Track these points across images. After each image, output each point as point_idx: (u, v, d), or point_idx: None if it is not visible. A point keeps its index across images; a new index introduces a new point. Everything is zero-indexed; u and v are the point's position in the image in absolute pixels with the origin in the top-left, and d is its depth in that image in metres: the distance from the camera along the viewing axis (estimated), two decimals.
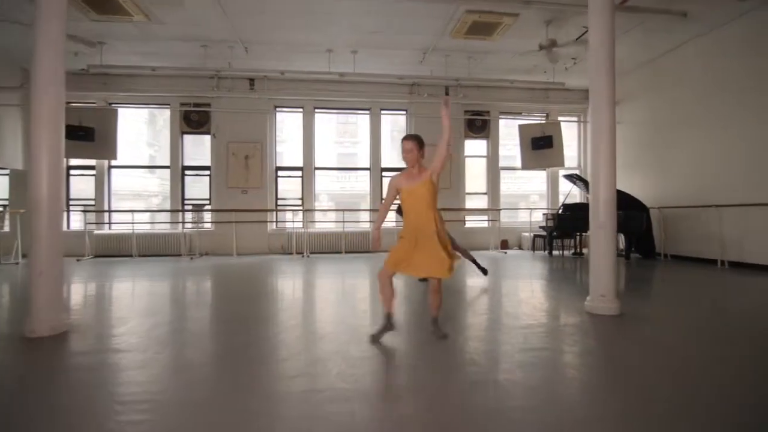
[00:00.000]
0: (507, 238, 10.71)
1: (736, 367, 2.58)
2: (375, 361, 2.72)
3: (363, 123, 13.75)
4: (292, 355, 2.84)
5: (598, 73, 4.14)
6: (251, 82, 9.77)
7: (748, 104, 6.74)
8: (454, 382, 2.37)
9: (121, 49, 8.00)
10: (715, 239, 7.14)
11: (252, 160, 9.86)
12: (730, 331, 3.38)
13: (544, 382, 2.37)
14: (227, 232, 9.42)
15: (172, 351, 2.93)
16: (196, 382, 2.40)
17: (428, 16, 6.86)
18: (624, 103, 9.74)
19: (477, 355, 2.82)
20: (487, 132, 10.80)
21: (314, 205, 10.36)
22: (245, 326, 3.60)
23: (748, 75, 6.70)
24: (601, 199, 4.02)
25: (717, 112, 7.28)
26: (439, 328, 3.15)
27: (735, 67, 6.92)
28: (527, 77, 9.47)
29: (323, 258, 8.95)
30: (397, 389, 2.34)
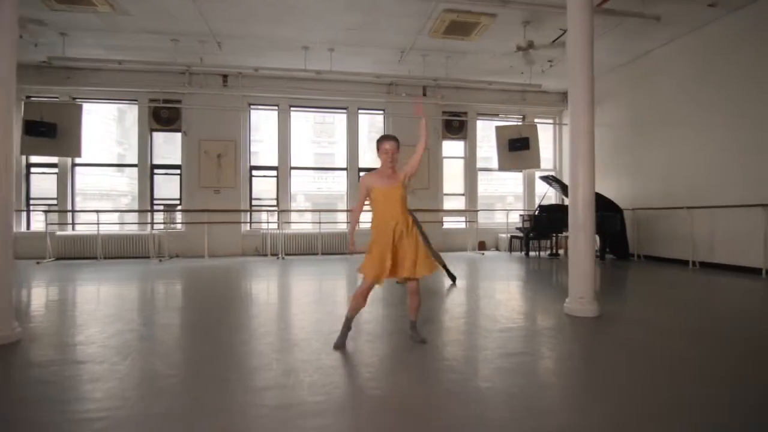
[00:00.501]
0: (484, 239, 10.75)
1: (713, 366, 2.57)
2: (349, 370, 2.59)
3: (340, 122, 13.59)
4: (262, 365, 2.67)
5: (576, 74, 4.14)
6: (224, 78, 9.47)
7: (719, 108, 6.93)
8: (433, 391, 2.26)
9: (85, 42, 7.59)
10: (686, 240, 7.32)
11: (225, 159, 9.55)
12: (705, 331, 3.41)
13: (524, 388, 2.29)
14: (199, 233, 9.08)
15: (133, 361, 2.72)
16: (158, 395, 2.22)
17: (406, 15, 6.78)
18: (600, 105, 9.89)
19: (455, 361, 2.72)
20: (464, 133, 10.82)
21: (290, 205, 10.13)
22: (213, 334, 3.40)
23: (720, 80, 6.89)
24: (579, 200, 4.01)
25: (690, 116, 7.47)
26: (417, 332, 3.05)
27: (708, 72, 7.11)
28: (504, 78, 9.53)
29: (299, 260, 8.74)
30: (372, 401, 2.22)
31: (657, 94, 8.18)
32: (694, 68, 7.37)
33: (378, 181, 2.87)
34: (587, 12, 4.08)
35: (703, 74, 7.18)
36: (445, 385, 2.34)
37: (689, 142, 7.47)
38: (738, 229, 6.54)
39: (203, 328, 3.60)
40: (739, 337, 3.26)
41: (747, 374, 2.48)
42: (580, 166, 4.04)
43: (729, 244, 6.73)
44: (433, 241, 7.19)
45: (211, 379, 2.41)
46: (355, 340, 3.11)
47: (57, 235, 8.72)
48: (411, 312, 3.02)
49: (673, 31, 7.30)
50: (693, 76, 7.39)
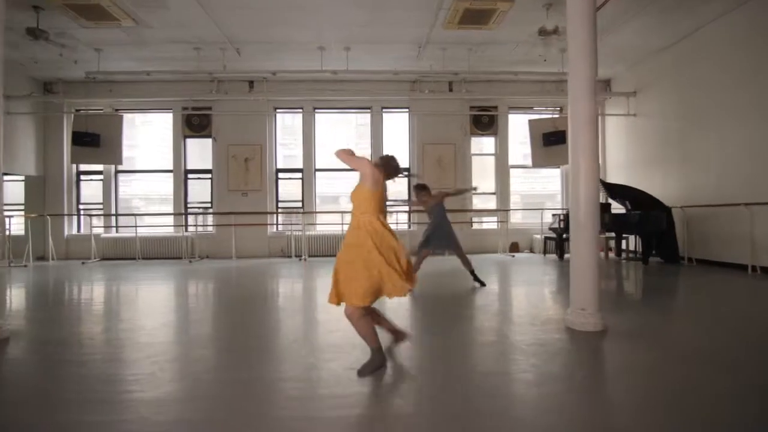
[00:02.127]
0: (518, 240, 10.12)
1: (730, 402, 2.08)
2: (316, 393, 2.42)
3: (388, 122, 13.37)
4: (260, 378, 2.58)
5: (576, 57, 3.67)
6: (251, 84, 9.70)
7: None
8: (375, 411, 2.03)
9: (117, 56, 8.10)
10: (744, 241, 6.34)
11: (252, 163, 9.78)
12: (739, 354, 2.83)
13: (458, 416, 1.98)
14: (227, 235, 9.38)
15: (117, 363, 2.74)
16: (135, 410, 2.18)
17: (415, 7, 6.49)
18: (642, 93, 8.98)
19: (424, 385, 2.45)
20: (495, 128, 10.25)
21: (315, 207, 10.16)
22: (210, 338, 3.39)
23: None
24: (581, 197, 3.54)
25: (746, 101, 6.46)
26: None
27: (760, 53, 6.10)
28: (536, 68, 8.88)
29: (321, 262, 8.72)
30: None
31: (707, 77, 7.17)
32: (748, 46, 6.35)
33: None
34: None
35: (761, 52, 6.16)
36: (398, 410, 2.09)
37: (746, 130, 6.46)
38: None
39: (200, 330, 3.60)
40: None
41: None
42: (581, 157, 3.58)
43: None
44: (461, 242, 6.07)
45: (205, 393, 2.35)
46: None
47: (102, 237, 9.40)
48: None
49: (721, 4, 6.36)
50: (748, 55, 6.36)
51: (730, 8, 6.44)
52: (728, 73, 6.76)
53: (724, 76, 6.84)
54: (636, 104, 9.05)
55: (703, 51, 7.22)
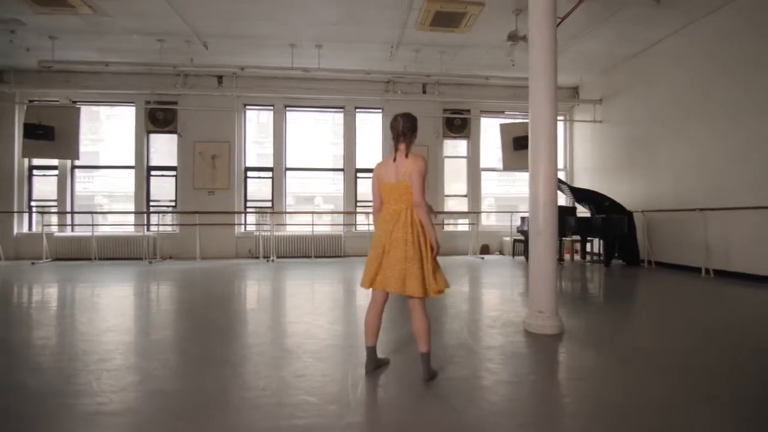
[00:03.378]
0: (489, 242, 10.22)
1: (679, 407, 2.08)
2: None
3: (362, 123, 13.28)
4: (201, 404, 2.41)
5: (536, 62, 3.66)
6: (219, 79, 9.44)
7: (736, 102, 6.18)
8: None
9: (74, 45, 7.70)
10: (699, 245, 6.58)
11: (219, 160, 9.50)
12: (693, 356, 2.87)
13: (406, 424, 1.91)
14: (192, 235, 9.07)
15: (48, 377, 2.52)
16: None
17: (387, 6, 6.44)
18: (606, 101, 9.23)
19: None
20: (467, 132, 10.32)
21: (285, 207, 9.96)
22: (162, 344, 3.19)
23: (737, 70, 6.14)
24: (540, 201, 3.53)
25: (705, 111, 6.72)
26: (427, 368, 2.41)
27: (723, 62, 6.35)
28: (505, 73, 8.99)
29: (290, 263, 8.54)
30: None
31: (669, 87, 7.43)
32: (708, 58, 6.62)
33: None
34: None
35: (719, 65, 6.42)
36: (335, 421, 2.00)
37: (704, 139, 6.72)
38: (757, 234, 5.78)
39: (146, 337, 3.40)
40: (741, 365, 2.71)
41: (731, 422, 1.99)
42: (540, 162, 3.57)
43: (747, 251, 5.96)
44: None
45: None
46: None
47: (55, 236, 8.92)
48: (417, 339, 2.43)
49: (683, 16, 6.61)
50: (707, 67, 6.63)
51: (693, 20, 6.69)
52: (687, 85, 7.02)
53: (684, 88, 7.10)
54: (602, 111, 9.29)
55: (665, 62, 7.48)
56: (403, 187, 2.36)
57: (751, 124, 5.89)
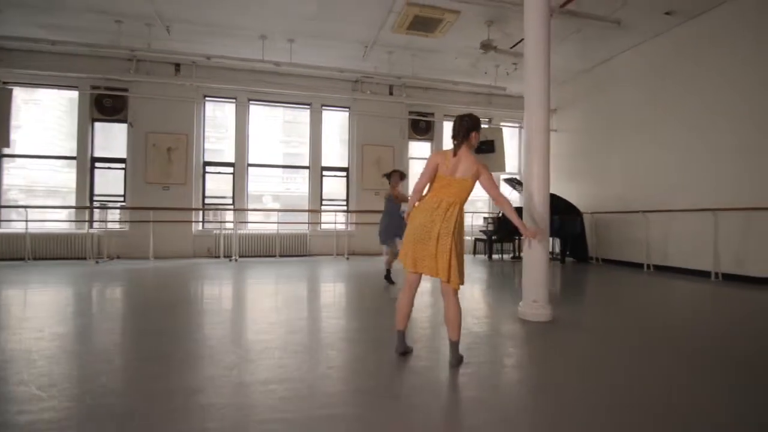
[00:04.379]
0: None
1: (663, 375, 2.39)
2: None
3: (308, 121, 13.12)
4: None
5: (532, 73, 3.96)
6: (177, 67, 8.89)
7: (672, 116, 7.03)
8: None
9: (17, 19, 6.88)
10: (641, 244, 7.38)
11: (176, 153, 8.94)
12: (656, 337, 3.27)
13: (458, 404, 2.02)
14: (144, 233, 8.44)
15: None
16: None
17: (369, 6, 6.50)
18: (562, 110, 10.00)
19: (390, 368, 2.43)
20: (431, 134, 10.65)
21: (247, 205, 9.61)
22: (106, 350, 2.96)
23: (674, 88, 6.99)
24: (535, 202, 3.81)
25: (646, 123, 7.55)
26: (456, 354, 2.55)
27: (663, 80, 7.21)
28: (470, 80, 9.42)
29: (254, 262, 8.26)
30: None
31: (616, 100, 8.26)
32: (650, 76, 7.47)
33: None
34: (544, 8, 3.91)
35: (659, 82, 7.28)
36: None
37: (645, 148, 7.56)
38: (690, 233, 6.62)
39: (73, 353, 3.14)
40: (686, 339, 3.14)
41: (685, 377, 2.31)
42: (535, 167, 3.86)
43: (682, 248, 6.81)
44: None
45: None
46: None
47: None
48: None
49: (632, 38, 7.38)
50: (649, 84, 7.49)
51: (644, 39, 7.45)
52: (635, 99, 7.85)
53: (632, 101, 7.92)
54: (557, 120, 10.06)
55: (616, 76, 8.28)
56: (463, 184, 2.47)
57: (689, 136, 6.74)
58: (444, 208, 2.45)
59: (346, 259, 8.94)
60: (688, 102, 6.76)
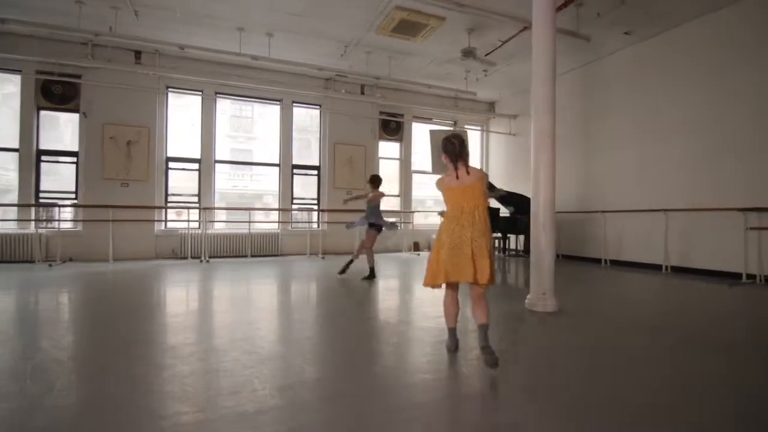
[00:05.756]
0: (418, 240, 10.89)
1: (661, 358, 2.77)
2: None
3: (260, 117, 12.77)
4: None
5: (539, 78, 4.29)
6: (137, 54, 8.26)
7: (624, 126, 7.85)
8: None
9: None
10: (599, 241, 8.15)
11: (136, 147, 8.32)
12: (646, 323, 3.72)
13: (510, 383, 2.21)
14: (101, 233, 7.77)
15: None
16: None
17: (357, 6, 6.53)
18: (521, 117, 10.68)
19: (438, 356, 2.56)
20: (400, 135, 10.86)
21: (214, 202, 9.17)
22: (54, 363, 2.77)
23: (628, 99, 7.80)
24: (541, 201, 4.14)
25: (602, 131, 8.34)
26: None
27: (618, 92, 8.00)
28: (442, 84, 9.75)
29: (225, 263, 7.92)
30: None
31: (575, 110, 9.01)
32: (604, 89, 8.27)
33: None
34: (550, 13, 4.23)
35: (612, 96, 8.10)
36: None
37: (602, 154, 8.35)
38: (643, 231, 7.44)
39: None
40: (639, 314, 3.62)
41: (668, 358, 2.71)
42: (541, 168, 4.19)
43: (636, 244, 7.63)
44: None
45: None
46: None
47: None
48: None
49: (593, 53, 8.09)
50: (603, 96, 8.29)
51: (600, 56, 8.23)
52: (590, 109, 8.61)
53: (587, 112, 8.68)
54: (517, 125, 10.73)
55: (572, 89, 9.02)
56: (476, 186, 2.60)
57: (642, 144, 7.56)
58: (469, 212, 2.56)
59: (322, 258, 8.87)
60: (639, 113, 7.58)
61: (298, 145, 10.27)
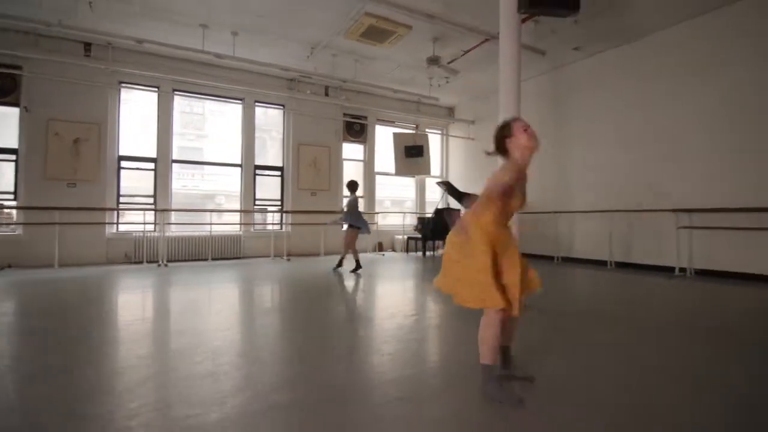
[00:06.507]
0: (382, 240, 11.08)
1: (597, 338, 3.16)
2: None
3: (211, 115, 12.34)
4: None
5: (505, 85, 4.60)
6: (87, 46, 7.74)
7: (572, 134, 8.52)
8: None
9: None
10: (551, 239, 8.77)
11: (85, 145, 7.79)
12: (597, 312, 4.15)
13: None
14: (44, 237, 7.20)
15: None
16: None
17: (328, 9, 6.58)
18: (478, 122, 11.19)
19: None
20: (364, 137, 10.99)
21: (171, 204, 8.78)
22: None
23: (575, 109, 8.47)
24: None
25: (553, 137, 8.97)
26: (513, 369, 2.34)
27: (571, 101, 8.66)
28: (406, 88, 9.99)
29: (186, 267, 7.64)
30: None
31: (529, 117, 9.58)
32: (559, 99, 8.91)
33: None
34: (515, 25, 4.58)
35: (564, 104, 8.75)
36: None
37: (557, 160, 8.97)
38: (592, 230, 8.12)
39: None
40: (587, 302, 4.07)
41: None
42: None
43: (585, 242, 8.30)
44: (332, 241, 9.26)
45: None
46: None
47: None
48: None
49: (546, 63, 8.68)
50: (552, 108, 8.94)
51: (554, 67, 8.82)
52: (545, 117, 9.21)
53: (542, 119, 9.25)
54: (475, 130, 11.23)
55: (528, 97, 9.55)
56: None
57: (587, 149, 8.24)
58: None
59: (287, 260, 8.80)
60: (587, 122, 8.27)
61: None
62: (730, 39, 6.23)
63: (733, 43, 6.20)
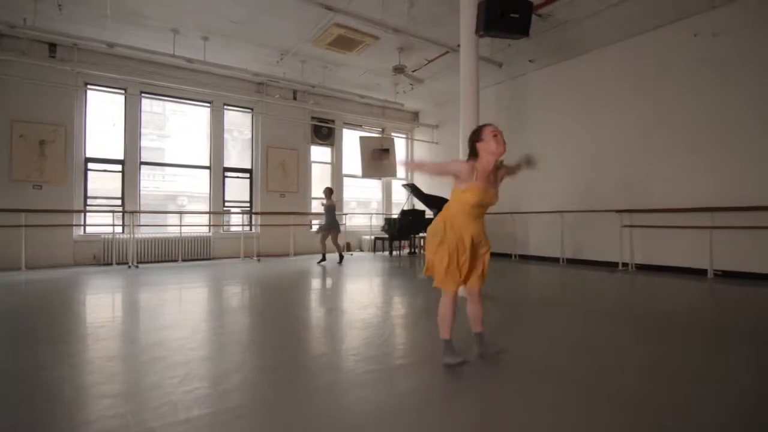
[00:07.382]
0: (349, 241, 11.43)
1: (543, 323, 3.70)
2: None
3: (173, 115, 12.30)
4: None
5: (465, 93, 5.10)
6: (51, 47, 7.68)
7: (527, 141, 9.20)
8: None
9: None
10: (510, 239, 9.42)
11: (51, 147, 7.73)
12: (553, 301, 4.71)
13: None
14: (9, 239, 7.12)
15: None
16: None
17: (297, 20, 6.89)
18: (442, 127, 11.77)
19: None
20: (332, 140, 11.31)
21: (139, 206, 8.79)
22: None
23: (534, 114, 9.17)
24: None
25: (515, 140, 9.60)
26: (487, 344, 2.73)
27: (526, 107, 9.35)
28: (372, 94, 10.41)
29: (155, 268, 7.73)
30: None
31: (493, 122, 10.23)
32: (515, 104, 9.59)
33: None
34: (473, 39, 5.10)
35: (520, 110, 9.44)
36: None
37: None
38: (546, 230, 8.81)
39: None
40: (544, 293, 4.66)
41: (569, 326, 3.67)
42: None
43: (540, 241, 9.00)
44: (302, 242, 10.10)
45: None
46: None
47: None
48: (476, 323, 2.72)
49: (504, 74, 9.32)
50: (510, 115, 9.61)
51: (511, 77, 9.46)
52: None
53: (502, 124, 9.93)
54: (438, 134, 11.79)
55: (486, 104, 10.19)
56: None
57: (545, 153, 8.90)
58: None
59: (257, 261, 8.99)
60: (537, 129, 8.98)
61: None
62: (662, 56, 7.04)
63: (664, 59, 7.01)
